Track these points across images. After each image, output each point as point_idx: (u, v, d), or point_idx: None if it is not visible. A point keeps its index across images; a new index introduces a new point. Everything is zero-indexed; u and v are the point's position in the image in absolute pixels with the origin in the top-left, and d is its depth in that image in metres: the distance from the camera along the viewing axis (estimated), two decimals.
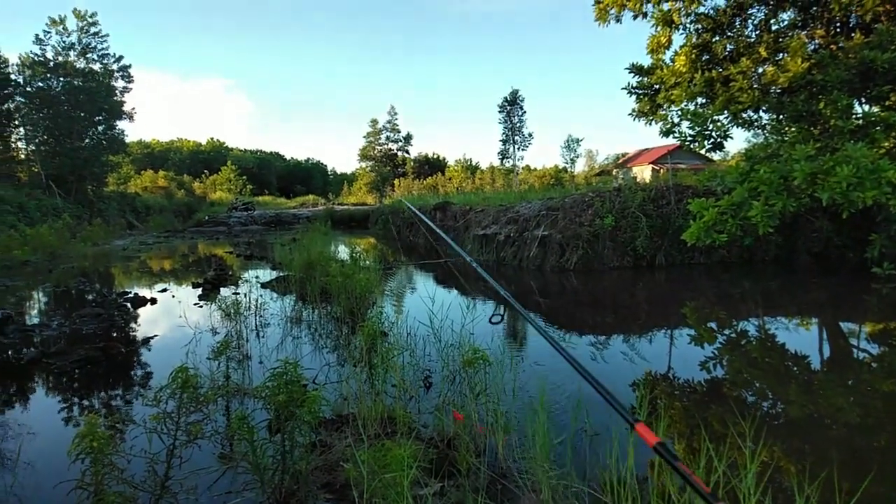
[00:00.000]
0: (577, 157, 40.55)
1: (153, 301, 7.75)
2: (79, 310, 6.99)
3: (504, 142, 34.71)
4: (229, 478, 2.70)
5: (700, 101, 10.85)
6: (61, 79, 25.89)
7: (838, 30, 10.01)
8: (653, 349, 5.32)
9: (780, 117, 9.76)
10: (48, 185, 23.36)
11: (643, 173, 29.88)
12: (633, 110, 11.94)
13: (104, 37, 27.24)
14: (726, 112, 10.02)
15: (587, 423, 3.18)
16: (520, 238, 11.54)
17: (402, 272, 11.43)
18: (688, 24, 10.97)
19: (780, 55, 9.84)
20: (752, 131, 10.74)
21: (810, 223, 9.92)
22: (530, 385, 3.88)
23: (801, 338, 5.77)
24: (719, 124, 9.70)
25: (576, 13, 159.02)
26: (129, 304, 7.44)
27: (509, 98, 34.30)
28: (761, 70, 10.03)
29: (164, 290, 8.74)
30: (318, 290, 6.75)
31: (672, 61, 11.11)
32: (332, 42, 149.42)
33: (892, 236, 8.28)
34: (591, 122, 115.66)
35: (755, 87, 9.82)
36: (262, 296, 7.18)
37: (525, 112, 34.55)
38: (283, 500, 2.41)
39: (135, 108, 30.63)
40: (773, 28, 10.50)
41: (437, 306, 4.81)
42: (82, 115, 26.01)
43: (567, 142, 39.15)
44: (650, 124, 11.73)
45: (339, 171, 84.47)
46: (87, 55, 26.92)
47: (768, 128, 10.15)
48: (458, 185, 47.84)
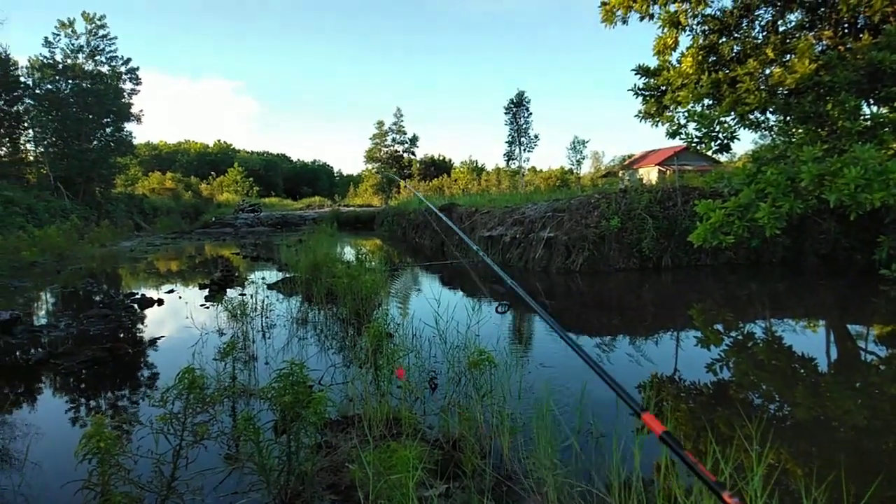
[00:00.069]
0: (584, 158, 40.35)
1: (160, 302, 7.79)
2: (86, 311, 7.04)
3: (510, 143, 34.67)
4: (235, 478, 2.71)
5: (707, 102, 10.84)
6: (70, 81, 26.08)
7: (846, 31, 9.94)
8: (659, 351, 5.30)
9: (788, 119, 9.71)
10: (56, 186, 23.51)
11: (649, 175, 29.83)
12: (640, 112, 11.93)
13: (112, 39, 27.47)
14: (733, 113, 9.96)
15: (593, 425, 3.17)
16: (525, 240, 11.53)
17: (408, 273, 11.43)
18: (694, 26, 10.95)
19: (788, 56, 9.79)
20: (759, 133, 10.69)
21: (818, 225, 9.86)
22: (536, 386, 3.86)
23: (808, 340, 5.74)
24: (726, 126, 9.66)
25: (577, 13, 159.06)
26: (136, 305, 7.49)
27: (515, 100, 34.25)
28: (768, 71, 9.97)
29: (170, 291, 8.79)
30: (324, 292, 6.77)
31: (679, 63, 11.08)
32: (332, 42, 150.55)
33: None
34: (597, 124, 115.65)
35: (762, 88, 9.76)
36: (268, 297, 7.19)
37: (531, 114, 34.48)
38: (289, 501, 2.42)
39: (142, 110, 30.82)
40: (781, 29, 10.46)
41: (443, 308, 4.81)
42: (91, 117, 26.20)
43: (573, 143, 39.00)
44: (657, 126, 11.73)
45: (345, 173, 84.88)
46: (96, 57, 27.12)
47: (775, 129, 10.09)
48: (464, 187, 47.80)
